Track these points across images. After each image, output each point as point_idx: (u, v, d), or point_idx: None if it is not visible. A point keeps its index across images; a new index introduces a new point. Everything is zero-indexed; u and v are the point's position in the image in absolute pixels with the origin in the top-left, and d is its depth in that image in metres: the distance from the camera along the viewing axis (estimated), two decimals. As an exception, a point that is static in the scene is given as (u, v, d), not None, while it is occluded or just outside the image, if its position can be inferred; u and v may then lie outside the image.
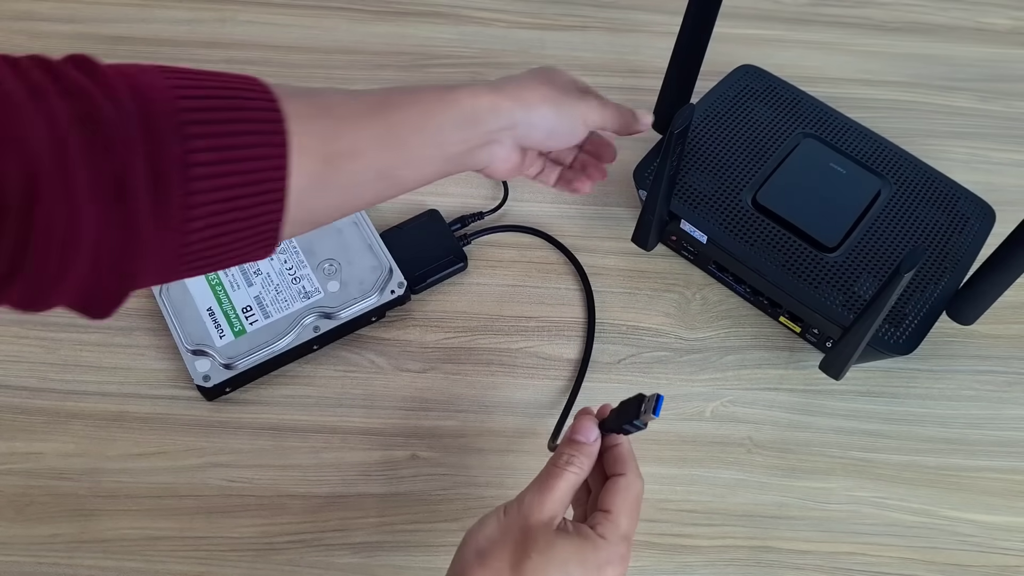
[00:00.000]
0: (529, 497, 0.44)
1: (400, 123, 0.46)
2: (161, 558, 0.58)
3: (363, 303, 0.65)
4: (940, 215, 0.67)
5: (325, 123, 0.42)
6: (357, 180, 0.45)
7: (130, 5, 0.82)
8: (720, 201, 0.65)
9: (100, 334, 0.65)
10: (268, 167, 0.39)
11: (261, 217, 0.39)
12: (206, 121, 0.37)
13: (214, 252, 0.39)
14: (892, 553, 0.61)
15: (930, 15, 0.90)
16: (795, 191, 0.66)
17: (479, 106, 0.49)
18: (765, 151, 0.68)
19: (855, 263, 0.63)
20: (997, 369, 0.69)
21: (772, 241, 0.64)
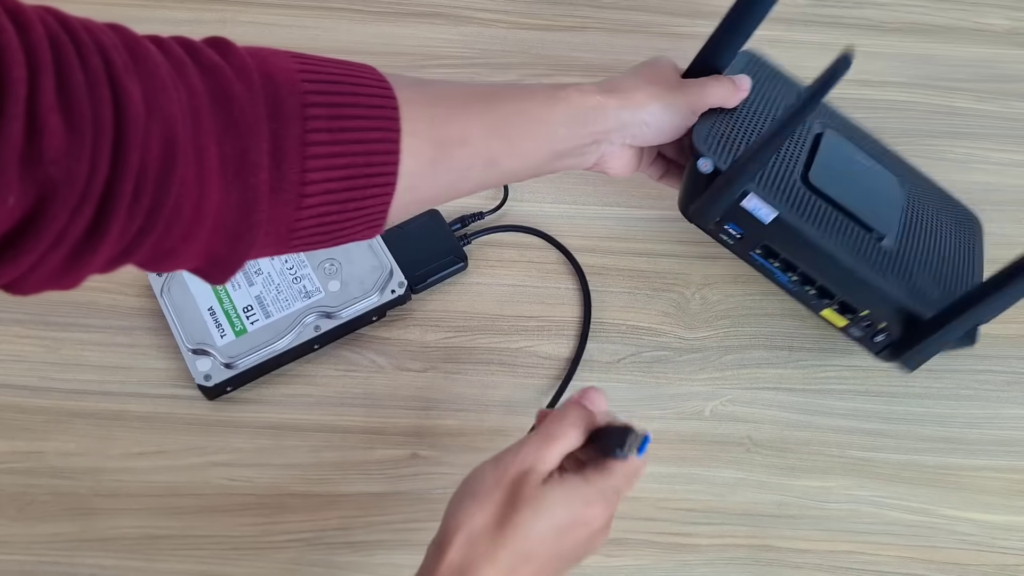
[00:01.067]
0: (524, 450, 0.44)
1: (509, 114, 0.48)
2: (162, 557, 0.58)
3: (364, 303, 0.65)
4: (947, 217, 0.66)
5: (436, 110, 0.44)
6: (464, 165, 0.46)
7: (130, 5, 0.82)
8: (775, 179, 0.58)
9: (101, 333, 0.65)
10: (381, 150, 0.41)
11: (372, 198, 0.41)
12: (326, 104, 0.39)
13: (326, 228, 0.41)
14: (891, 552, 0.61)
15: (929, 16, 0.90)
16: (840, 176, 0.61)
17: (588, 105, 0.51)
18: (793, 137, 0.63)
19: (907, 253, 0.60)
20: (996, 368, 0.69)
21: (832, 223, 0.58)
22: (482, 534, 0.42)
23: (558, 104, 0.50)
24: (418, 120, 0.43)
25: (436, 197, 0.47)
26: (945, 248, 0.63)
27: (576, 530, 0.44)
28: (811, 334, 0.69)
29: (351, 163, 0.40)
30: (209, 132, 0.35)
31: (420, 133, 0.43)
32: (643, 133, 0.54)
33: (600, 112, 0.52)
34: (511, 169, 0.50)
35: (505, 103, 0.48)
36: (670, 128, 0.55)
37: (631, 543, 0.60)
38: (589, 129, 0.51)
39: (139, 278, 0.67)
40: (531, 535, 0.42)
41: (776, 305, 0.70)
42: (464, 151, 0.46)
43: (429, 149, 0.43)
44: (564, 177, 0.72)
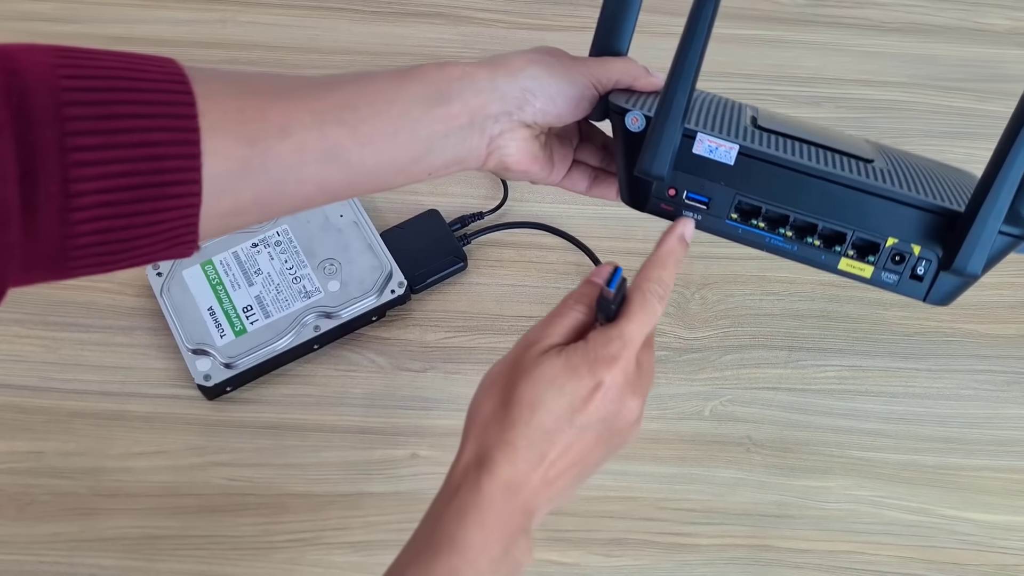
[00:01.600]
0: (525, 334, 0.41)
1: (347, 98, 0.40)
2: (162, 557, 0.58)
3: (363, 303, 0.65)
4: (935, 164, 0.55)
5: (248, 101, 0.37)
6: (292, 162, 0.38)
7: (130, 5, 0.82)
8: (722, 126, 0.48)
9: (101, 333, 0.65)
10: (174, 153, 0.35)
11: (172, 210, 0.35)
12: (93, 103, 0.33)
13: (114, 247, 0.35)
14: (891, 552, 0.61)
15: (929, 15, 0.90)
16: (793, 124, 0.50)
17: (449, 77, 0.42)
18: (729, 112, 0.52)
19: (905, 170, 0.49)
20: (995, 368, 0.69)
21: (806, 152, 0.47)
22: (490, 420, 0.39)
23: (410, 81, 0.42)
24: (223, 114, 0.36)
25: (264, 205, 0.39)
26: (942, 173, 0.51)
27: (594, 400, 0.39)
28: (811, 334, 0.69)
29: (133, 170, 0.33)
30: None
31: (226, 129, 0.36)
32: (531, 104, 0.44)
33: (468, 82, 0.42)
34: (365, 165, 0.41)
35: (343, 87, 0.41)
36: (564, 100, 0.45)
37: (631, 543, 0.60)
38: (458, 105, 0.42)
39: (139, 278, 0.67)
40: (538, 408, 0.38)
41: (776, 305, 0.70)
42: (288, 144, 0.38)
43: (240, 147, 0.37)
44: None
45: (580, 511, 0.61)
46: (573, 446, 0.39)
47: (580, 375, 0.39)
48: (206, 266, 0.65)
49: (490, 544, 0.38)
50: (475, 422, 0.40)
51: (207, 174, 0.35)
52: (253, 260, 0.66)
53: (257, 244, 0.66)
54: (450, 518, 0.38)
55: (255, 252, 0.66)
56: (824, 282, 0.71)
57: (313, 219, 0.67)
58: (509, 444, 0.38)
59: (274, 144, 0.38)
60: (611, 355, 0.39)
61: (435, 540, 0.38)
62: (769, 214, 0.47)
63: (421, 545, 0.39)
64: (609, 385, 0.39)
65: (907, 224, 0.45)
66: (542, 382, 0.39)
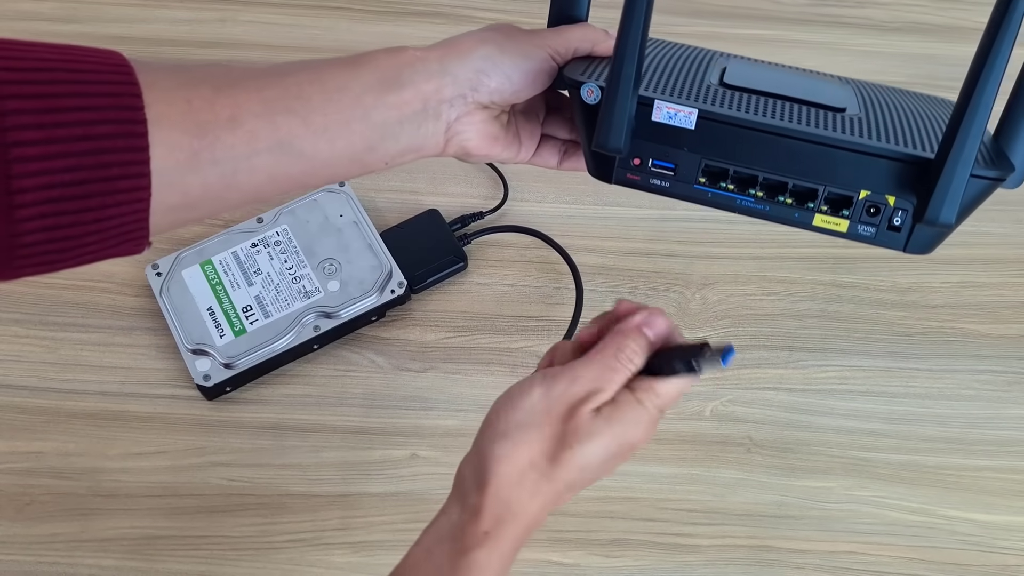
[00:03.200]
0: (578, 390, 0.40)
1: (298, 86, 0.39)
2: (161, 557, 0.58)
3: (363, 303, 0.65)
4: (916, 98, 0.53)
5: (196, 91, 0.36)
6: (242, 153, 0.38)
7: (130, 5, 0.82)
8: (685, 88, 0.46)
9: (100, 334, 0.65)
10: (120, 146, 0.34)
11: (120, 206, 0.34)
12: (34, 96, 0.32)
13: (61, 245, 0.34)
14: (892, 552, 0.61)
15: (930, 15, 0.90)
16: (763, 76, 0.49)
17: (400, 62, 0.41)
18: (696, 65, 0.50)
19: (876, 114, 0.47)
20: (997, 369, 0.69)
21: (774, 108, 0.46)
22: (530, 469, 0.39)
23: (362, 68, 0.41)
24: (170, 105, 0.35)
25: (215, 197, 0.38)
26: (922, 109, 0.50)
27: (622, 455, 0.41)
28: (812, 334, 0.69)
29: (78, 165, 0.33)
30: None
31: (173, 121, 0.35)
32: (485, 84, 0.43)
33: (419, 66, 0.41)
34: (318, 155, 0.40)
35: (294, 75, 0.39)
36: (520, 75, 0.44)
37: (631, 544, 0.60)
38: (410, 90, 0.41)
39: (138, 278, 0.66)
40: (582, 468, 0.40)
41: (777, 305, 0.70)
42: (237, 135, 0.37)
43: (188, 138, 0.36)
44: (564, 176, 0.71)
45: (580, 512, 0.61)
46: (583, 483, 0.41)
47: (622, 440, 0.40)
48: (205, 266, 0.65)
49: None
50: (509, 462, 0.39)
51: (155, 167, 0.35)
52: (253, 260, 0.66)
53: (257, 244, 0.66)
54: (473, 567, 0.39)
55: (255, 252, 0.66)
56: (825, 282, 0.71)
57: (313, 219, 0.67)
58: (540, 495, 0.39)
59: (223, 135, 0.37)
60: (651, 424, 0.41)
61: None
62: (738, 175, 0.45)
63: None
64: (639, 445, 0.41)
65: (879, 175, 0.44)
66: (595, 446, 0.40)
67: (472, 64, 0.43)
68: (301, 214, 0.68)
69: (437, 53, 0.42)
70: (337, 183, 0.69)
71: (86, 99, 0.33)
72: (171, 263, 0.65)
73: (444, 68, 0.42)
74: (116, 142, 0.33)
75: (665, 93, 0.44)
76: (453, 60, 0.42)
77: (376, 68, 0.41)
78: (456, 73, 0.42)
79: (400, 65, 0.41)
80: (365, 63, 0.41)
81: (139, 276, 0.66)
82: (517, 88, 0.44)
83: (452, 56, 0.42)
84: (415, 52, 0.42)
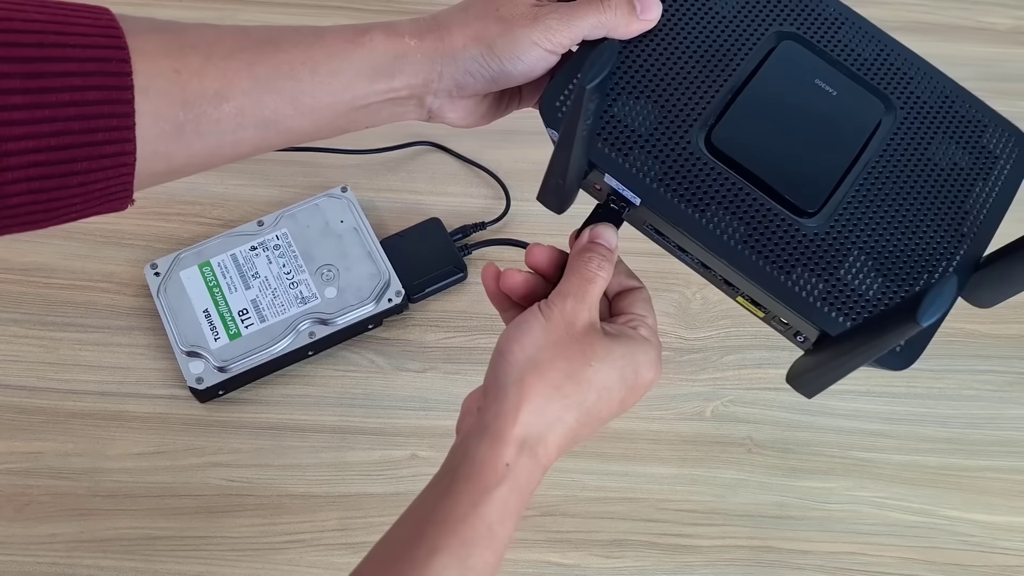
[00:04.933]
0: (571, 305, 0.41)
1: (289, 64, 0.39)
2: (160, 558, 0.57)
3: (360, 310, 0.64)
4: (961, 153, 0.47)
5: (184, 61, 0.36)
6: (228, 128, 0.37)
7: (130, 5, 0.81)
8: (660, 143, 0.43)
9: (99, 334, 0.65)
10: (106, 112, 0.33)
11: (105, 170, 0.34)
12: (20, 59, 0.32)
13: (46, 206, 0.34)
14: (893, 553, 0.61)
15: (930, 15, 0.90)
16: (765, 125, 0.45)
17: (394, 51, 0.41)
18: (726, 63, 0.45)
19: (841, 234, 0.43)
20: (997, 369, 0.68)
21: (728, 202, 0.43)
22: (553, 395, 0.39)
23: (356, 51, 0.40)
24: (158, 75, 0.35)
25: (198, 165, 0.38)
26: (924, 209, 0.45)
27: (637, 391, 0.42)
28: (812, 334, 0.69)
29: (65, 129, 0.33)
30: None
31: (160, 90, 0.35)
32: (470, 83, 0.42)
33: (411, 59, 0.40)
34: (301, 128, 0.40)
35: (285, 50, 0.39)
36: (505, 75, 0.42)
37: (632, 544, 0.60)
38: (399, 82, 0.40)
39: (137, 277, 0.66)
40: (603, 395, 0.40)
41: (777, 305, 0.70)
42: (224, 111, 0.37)
43: (173, 109, 0.35)
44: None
45: (580, 512, 0.61)
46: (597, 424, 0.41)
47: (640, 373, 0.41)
48: (203, 268, 0.65)
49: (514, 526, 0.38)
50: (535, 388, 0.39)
51: (140, 135, 0.35)
52: (251, 263, 0.65)
53: (256, 247, 0.66)
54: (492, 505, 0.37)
55: (253, 255, 0.66)
56: (825, 282, 0.71)
57: (313, 224, 0.67)
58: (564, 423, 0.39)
59: (210, 110, 0.37)
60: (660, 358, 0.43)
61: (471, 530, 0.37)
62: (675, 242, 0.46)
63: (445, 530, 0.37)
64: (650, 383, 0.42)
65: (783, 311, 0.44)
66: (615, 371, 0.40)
67: (461, 65, 0.41)
68: (302, 218, 0.67)
69: (430, 44, 0.41)
70: (339, 188, 0.69)
71: (74, 64, 0.33)
72: (170, 263, 0.65)
73: (433, 66, 0.41)
74: (102, 108, 0.33)
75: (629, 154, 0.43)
76: (443, 58, 0.41)
77: (371, 52, 0.40)
78: (444, 72, 0.41)
79: (394, 55, 0.40)
80: (360, 44, 0.40)
81: (138, 276, 0.66)
82: (504, 84, 0.43)
83: (443, 54, 0.41)
84: (409, 40, 0.41)
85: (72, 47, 0.33)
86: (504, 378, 0.39)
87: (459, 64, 0.41)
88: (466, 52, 0.41)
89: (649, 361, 0.42)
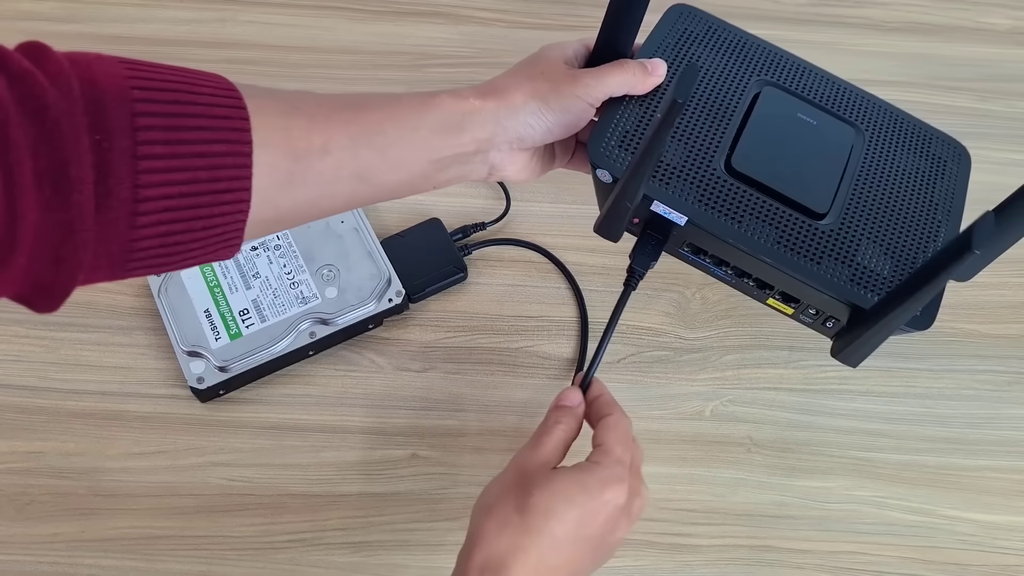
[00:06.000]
0: (527, 453, 0.46)
1: (377, 122, 0.44)
2: (161, 557, 0.58)
3: (360, 310, 0.64)
4: (918, 160, 0.59)
5: (293, 119, 0.41)
6: (329, 179, 0.43)
7: (130, 5, 0.82)
8: (691, 172, 0.53)
9: (100, 333, 0.65)
10: (230, 163, 0.37)
11: (224, 216, 0.38)
12: (161, 113, 0.35)
13: (170, 249, 0.37)
14: (892, 552, 0.61)
15: (930, 15, 0.90)
16: (770, 151, 0.55)
17: (463, 110, 0.47)
18: (724, 105, 0.57)
19: (850, 229, 0.54)
20: (997, 368, 0.69)
21: (757, 213, 0.53)
22: (504, 526, 0.43)
23: (431, 110, 0.46)
24: (273, 130, 0.40)
25: (300, 214, 0.43)
26: (905, 204, 0.56)
27: (598, 513, 0.44)
28: (812, 334, 0.69)
29: (194, 178, 0.36)
30: (19, 146, 0.32)
31: (275, 144, 0.40)
32: (530, 135, 0.49)
33: (477, 116, 0.47)
34: (387, 183, 0.46)
35: (373, 111, 0.45)
36: (560, 126, 0.50)
37: (631, 544, 0.60)
38: (468, 136, 0.47)
39: (139, 277, 0.66)
40: (551, 517, 0.43)
41: (777, 305, 0.70)
42: (327, 163, 0.42)
43: (286, 162, 0.40)
44: (565, 176, 0.71)
45: (580, 511, 0.61)
46: (573, 557, 0.44)
47: (591, 492, 0.44)
48: (204, 268, 0.65)
49: None
50: (488, 525, 0.44)
51: (256, 184, 0.38)
52: (252, 263, 0.65)
53: (257, 248, 0.66)
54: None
55: (254, 255, 0.66)
56: (825, 282, 0.71)
57: (314, 224, 0.67)
58: (523, 551, 0.43)
59: (315, 162, 0.42)
60: (617, 476, 0.45)
61: None
62: (713, 256, 0.55)
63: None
64: (614, 504, 0.45)
65: (821, 299, 0.53)
66: (557, 494, 0.44)
67: (521, 118, 0.48)
68: (301, 215, 0.67)
69: (492, 104, 0.48)
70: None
71: (205, 120, 0.37)
72: (171, 263, 0.65)
73: (497, 119, 0.48)
74: (226, 159, 0.37)
75: (669, 184, 0.52)
76: (505, 113, 0.48)
77: (442, 111, 0.47)
78: (506, 125, 0.48)
79: (462, 112, 0.47)
80: (433, 105, 0.47)
81: (139, 276, 0.66)
82: (556, 136, 0.51)
83: (504, 109, 0.48)
84: (474, 100, 0.48)
85: (202, 105, 0.37)
86: (472, 524, 0.45)
87: (520, 117, 0.48)
88: (525, 107, 0.48)
89: (600, 483, 0.45)
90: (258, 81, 0.41)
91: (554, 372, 0.66)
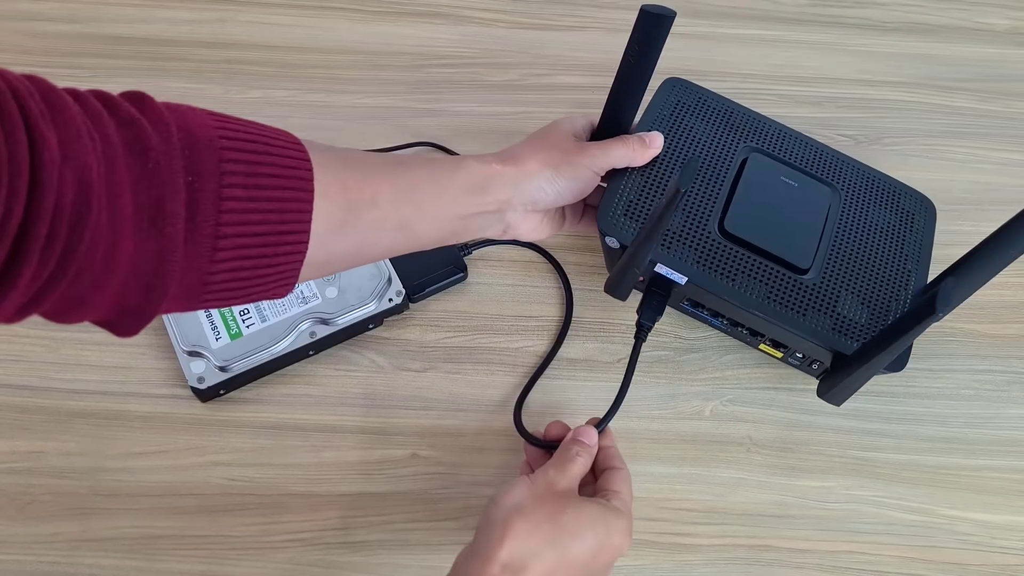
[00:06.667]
0: (552, 473, 0.51)
1: (418, 180, 0.50)
2: (162, 557, 0.58)
3: (360, 310, 0.64)
4: (889, 215, 0.65)
5: (348, 173, 0.46)
6: (375, 228, 0.48)
7: (130, 5, 0.82)
8: (690, 236, 0.60)
9: (101, 333, 0.64)
10: (294, 208, 0.42)
11: (285, 256, 0.42)
12: (243, 161, 0.40)
13: (239, 284, 0.41)
14: (891, 552, 0.61)
15: (929, 15, 0.90)
16: (758, 213, 0.62)
17: (486, 173, 0.53)
18: (715, 171, 0.63)
19: (831, 281, 0.60)
20: (996, 368, 0.69)
21: (748, 271, 0.59)
22: (534, 531, 0.47)
23: (460, 172, 0.53)
24: (331, 182, 0.44)
25: (347, 259, 0.48)
26: (878, 257, 0.62)
27: (606, 550, 0.49)
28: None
29: (265, 220, 0.40)
30: (124, 181, 0.35)
31: (332, 195, 0.44)
32: (542, 198, 0.56)
33: (498, 179, 0.54)
34: (421, 234, 0.51)
35: (413, 169, 0.50)
36: (569, 191, 0.57)
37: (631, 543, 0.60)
38: (490, 196, 0.54)
39: (139, 278, 0.66)
40: (577, 539, 0.47)
41: (776, 305, 0.70)
42: (374, 214, 0.47)
43: (340, 211, 0.45)
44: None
45: (580, 511, 0.61)
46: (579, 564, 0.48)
47: (611, 533, 0.49)
48: (206, 266, 0.65)
49: None
50: (519, 524, 0.47)
51: (314, 230, 0.43)
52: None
53: (257, 244, 0.66)
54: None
55: (255, 252, 0.66)
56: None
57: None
58: (543, 559, 0.46)
59: (365, 213, 0.47)
60: (629, 529, 0.50)
61: None
62: (710, 309, 0.63)
63: None
64: (619, 550, 0.49)
65: (807, 345, 0.60)
66: (585, 522, 0.48)
67: (535, 183, 0.55)
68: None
69: (511, 170, 0.55)
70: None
71: (278, 169, 0.41)
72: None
73: (515, 183, 0.55)
74: (291, 204, 0.42)
75: (670, 248, 0.59)
76: (522, 178, 0.55)
77: (470, 174, 0.53)
78: (523, 188, 0.55)
79: (486, 175, 0.54)
80: (462, 167, 0.53)
81: (139, 276, 0.66)
82: (566, 200, 0.58)
83: (522, 175, 0.55)
84: (496, 165, 0.54)
85: (276, 156, 0.42)
86: (495, 518, 0.48)
87: (534, 182, 0.55)
88: (540, 174, 0.55)
89: (619, 527, 0.49)
90: (258, 81, 0.42)
91: (554, 372, 0.66)
